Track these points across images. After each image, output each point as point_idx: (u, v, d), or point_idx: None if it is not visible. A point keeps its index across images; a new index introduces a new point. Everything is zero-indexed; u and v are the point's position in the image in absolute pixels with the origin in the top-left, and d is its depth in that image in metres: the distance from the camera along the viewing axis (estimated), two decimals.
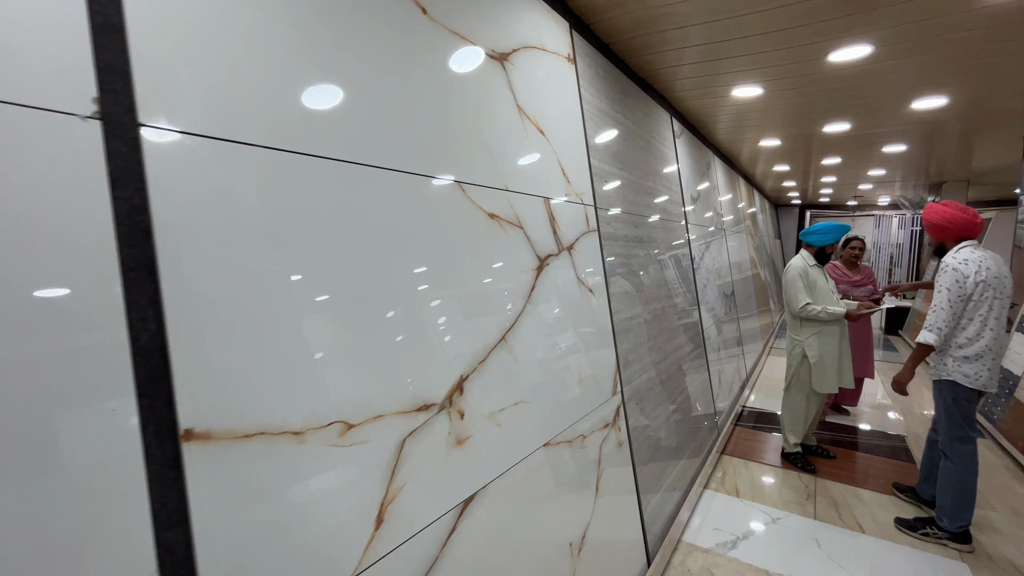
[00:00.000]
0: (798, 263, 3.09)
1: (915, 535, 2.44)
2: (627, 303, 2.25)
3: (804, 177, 7.42)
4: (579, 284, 1.80)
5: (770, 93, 3.15)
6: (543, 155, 1.68)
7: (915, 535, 2.44)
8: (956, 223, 2.38)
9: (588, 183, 2.00)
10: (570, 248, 1.77)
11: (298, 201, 0.86)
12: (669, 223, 3.05)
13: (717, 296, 4.15)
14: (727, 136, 4.53)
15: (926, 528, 2.44)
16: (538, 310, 1.52)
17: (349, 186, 0.96)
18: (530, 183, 1.58)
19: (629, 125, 2.60)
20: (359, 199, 0.98)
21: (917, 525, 2.47)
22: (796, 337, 3.14)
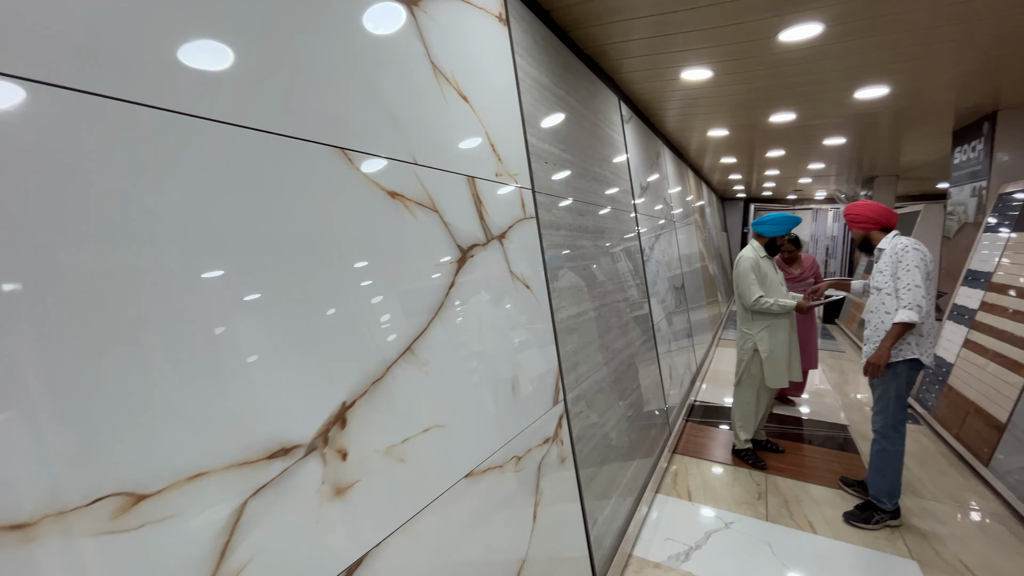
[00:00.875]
0: (749, 254, 2.99)
1: (870, 527, 2.41)
2: (572, 299, 2.02)
3: (749, 170, 7.54)
4: (512, 279, 1.55)
5: (720, 76, 3.02)
6: (467, 126, 1.41)
7: (870, 527, 2.41)
8: (883, 214, 2.47)
9: (524, 163, 1.75)
10: (501, 237, 1.51)
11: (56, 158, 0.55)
12: (618, 213, 2.86)
13: (667, 289, 4.04)
14: (677, 124, 4.42)
15: (875, 515, 2.44)
16: (459, 312, 1.25)
17: (144, 141, 0.65)
18: (449, 158, 1.31)
19: (573, 104, 2.37)
20: (177, 161, 0.68)
21: (869, 516, 2.44)
22: (747, 331, 3.04)
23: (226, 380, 0.71)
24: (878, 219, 2.47)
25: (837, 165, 6.97)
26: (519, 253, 1.61)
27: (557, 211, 2.00)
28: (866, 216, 2.50)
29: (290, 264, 0.83)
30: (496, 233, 1.49)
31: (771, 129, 4.49)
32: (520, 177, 1.70)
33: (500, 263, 1.49)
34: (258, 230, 0.79)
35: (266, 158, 0.82)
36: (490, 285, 1.42)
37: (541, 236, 1.80)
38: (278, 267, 0.81)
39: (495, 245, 1.47)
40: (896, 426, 2.38)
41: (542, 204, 1.85)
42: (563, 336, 1.86)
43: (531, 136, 1.84)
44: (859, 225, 2.53)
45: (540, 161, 1.89)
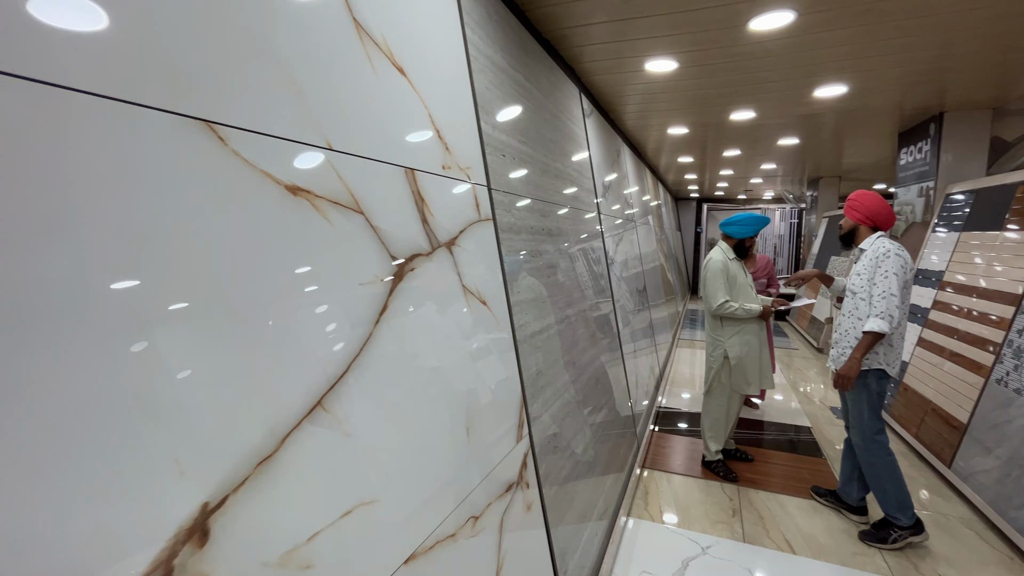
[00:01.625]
0: (718, 257, 2.85)
1: (887, 546, 2.28)
2: (536, 312, 1.77)
3: (704, 169, 7.58)
4: (465, 294, 1.27)
5: (685, 68, 2.86)
6: (404, 105, 1.12)
7: (887, 546, 2.28)
8: (882, 212, 2.32)
9: (479, 156, 1.48)
10: (451, 244, 1.23)
11: None
12: (582, 214, 2.64)
13: (631, 291, 3.87)
14: (637, 122, 4.28)
15: (891, 533, 2.29)
16: (394, 344, 0.96)
17: None
18: (379, 144, 1.02)
19: (534, 92, 2.12)
20: None
21: (884, 536, 2.30)
22: (718, 337, 2.90)
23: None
24: (875, 215, 2.31)
25: (786, 166, 7.12)
26: (473, 263, 1.33)
27: (517, 212, 1.73)
28: (866, 207, 2.32)
29: (98, 297, 0.52)
30: (444, 239, 1.20)
31: (730, 127, 4.43)
32: (474, 172, 1.42)
33: (449, 275, 1.21)
34: (79, 237, 0.47)
35: (113, 136, 0.50)
36: (436, 304, 1.13)
37: (499, 241, 1.53)
38: (77, 302, 0.50)
39: (442, 254, 1.19)
40: (874, 436, 2.28)
41: (500, 204, 1.59)
42: (527, 357, 1.60)
43: (486, 124, 1.57)
44: (855, 214, 2.35)
45: (497, 154, 1.62)
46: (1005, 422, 2.52)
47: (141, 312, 0.55)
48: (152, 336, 0.56)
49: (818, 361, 5.83)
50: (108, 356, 0.52)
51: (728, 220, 2.90)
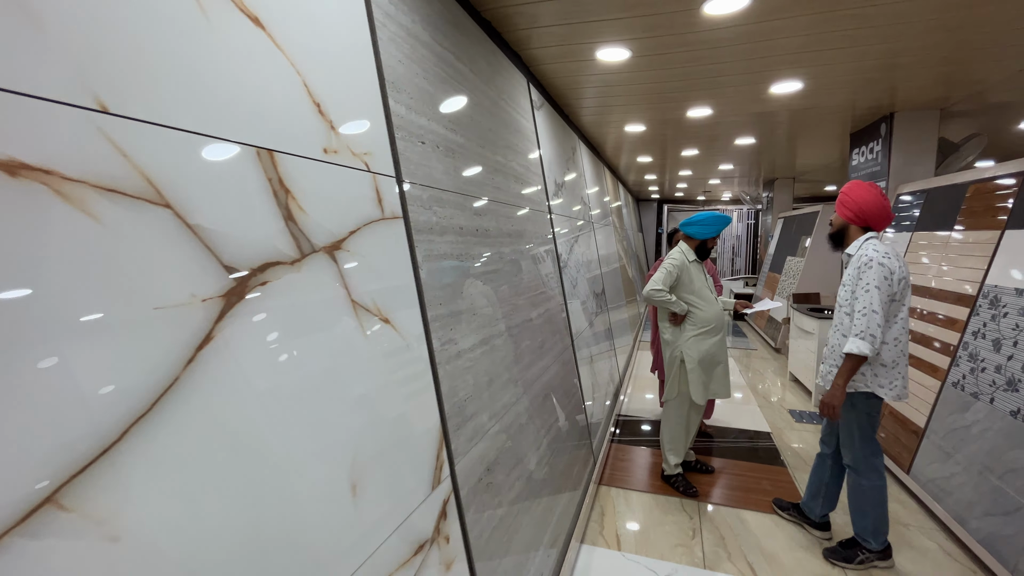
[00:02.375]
0: (676, 256, 2.69)
1: (853, 567, 2.13)
2: (467, 326, 1.52)
3: (664, 170, 7.54)
4: (355, 311, 1.01)
5: (638, 59, 2.68)
6: (258, 65, 0.85)
7: (853, 567, 2.13)
8: (875, 207, 2.03)
9: (384, 140, 1.22)
10: (334, 248, 0.97)
11: None
12: (531, 214, 2.41)
13: (587, 295, 3.69)
14: (593, 118, 4.10)
15: (859, 554, 2.14)
16: (219, 387, 0.69)
17: None
18: (208, 114, 0.74)
19: (468, 75, 1.87)
20: None
21: (850, 555, 2.15)
22: (673, 340, 2.73)
23: None
24: (866, 212, 2.01)
25: (743, 167, 7.16)
26: (370, 271, 1.07)
27: (442, 210, 1.48)
28: (856, 203, 2.03)
29: None
30: (323, 242, 0.94)
31: (688, 125, 4.32)
32: (376, 160, 1.16)
33: (329, 288, 0.94)
34: None
35: None
36: (306, 327, 0.87)
37: (413, 244, 1.28)
38: None
39: (319, 262, 0.92)
40: (867, 459, 2.08)
41: (416, 200, 1.33)
42: (451, 381, 1.35)
43: (397, 104, 1.31)
44: (844, 210, 2.07)
45: (413, 141, 1.37)
46: (963, 427, 2.45)
47: None
48: None
49: (775, 361, 5.83)
50: None
51: (689, 220, 2.74)
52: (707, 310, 2.68)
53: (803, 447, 3.42)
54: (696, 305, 2.67)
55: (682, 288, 2.68)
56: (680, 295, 2.68)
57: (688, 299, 2.68)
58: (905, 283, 1.96)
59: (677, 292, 2.68)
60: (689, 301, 2.68)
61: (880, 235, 2.11)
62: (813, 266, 5.97)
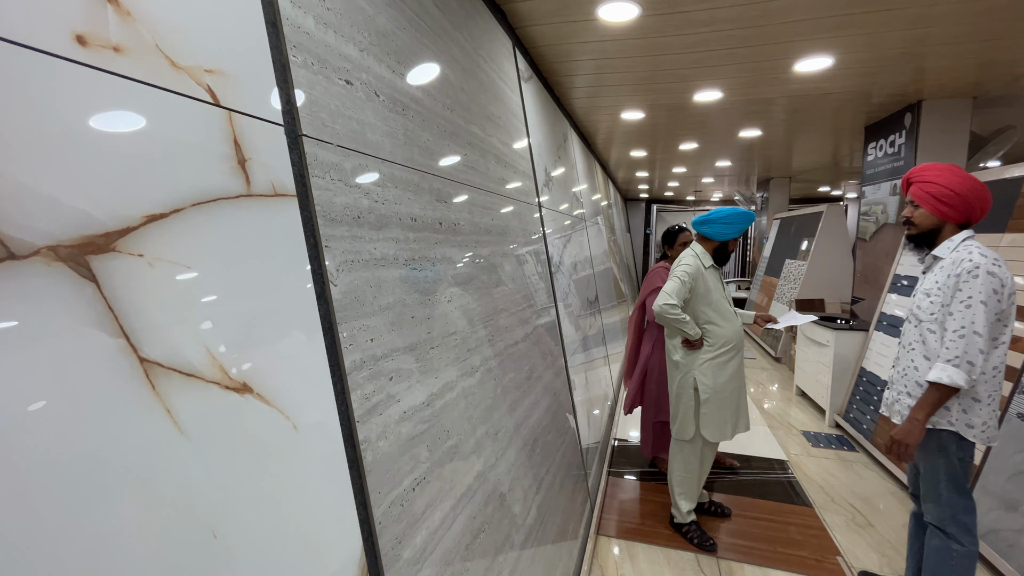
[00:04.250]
0: (690, 261, 2.20)
1: None
2: (416, 372, 1.00)
3: (656, 166, 7.12)
4: (151, 382, 0.48)
5: (647, 17, 2.18)
6: None
7: None
8: (986, 203, 1.59)
9: (261, 58, 0.69)
10: (85, 250, 0.44)
11: None
12: (517, 206, 1.90)
13: (582, 302, 3.19)
14: (587, 101, 3.61)
15: None
16: None
17: None
18: None
19: (428, 6, 1.35)
20: None
21: None
22: (682, 361, 2.25)
23: None
24: (971, 205, 1.57)
25: (740, 164, 6.78)
26: (204, 294, 0.55)
27: (383, 190, 0.96)
28: (957, 194, 1.56)
29: None
30: (48, 239, 0.41)
31: (692, 112, 3.86)
32: (236, 86, 0.63)
33: (70, 339, 0.41)
34: None
35: None
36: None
37: (320, 242, 0.75)
38: None
39: (32, 280, 0.39)
40: (957, 517, 1.61)
41: (329, 169, 0.80)
42: (385, 466, 0.83)
43: (295, 7, 0.78)
44: (938, 204, 1.58)
45: (328, 74, 0.84)
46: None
47: None
48: None
49: (778, 372, 5.43)
50: None
51: (704, 217, 2.25)
52: (726, 327, 2.21)
53: (827, 480, 2.98)
54: (713, 321, 2.20)
55: (698, 300, 2.20)
56: (696, 308, 2.20)
57: (704, 314, 2.20)
58: (1013, 298, 1.50)
59: (692, 305, 2.20)
60: (705, 317, 2.20)
61: (973, 233, 1.63)
62: (817, 270, 5.59)
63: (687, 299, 2.17)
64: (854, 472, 3.09)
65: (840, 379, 3.79)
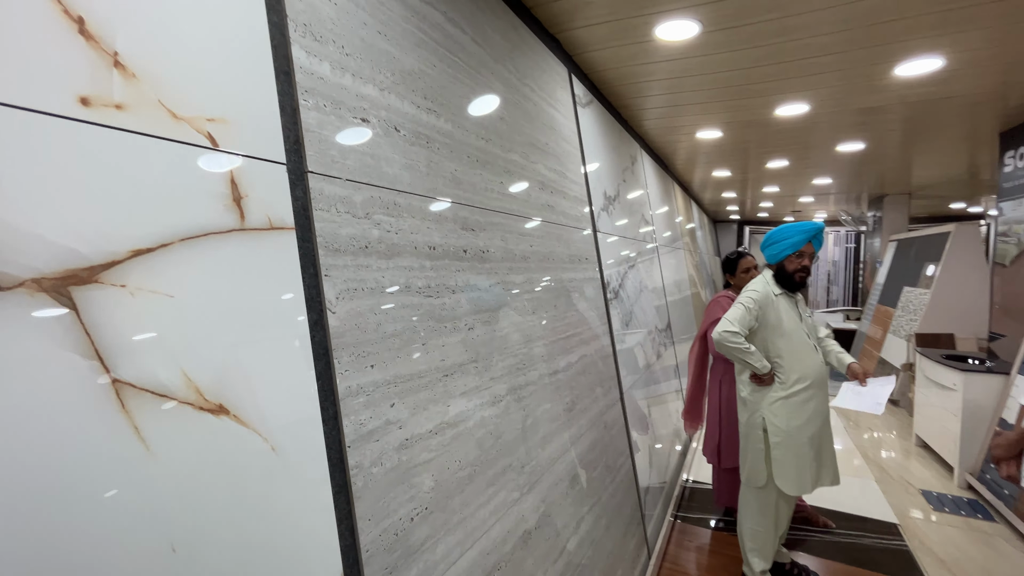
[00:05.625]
0: (758, 288, 2.01)
1: None
2: (423, 397, 1.01)
3: (744, 186, 6.67)
4: (121, 401, 0.53)
5: (709, 33, 2.08)
6: None
7: None
8: None
9: (268, 103, 0.76)
10: (70, 282, 0.50)
11: None
12: (562, 230, 1.87)
13: (648, 331, 3.04)
14: (659, 122, 3.50)
15: None
16: None
17: None
18: None
19: (465, 43, 1.40)
20: None
21: None
22: (750, 398, 2.04)
23: None
24: None
25: (844, 180, 6.11)
26: (186, 322, 0.59)
27: (395, 220, 0.99)
28: None
29: None
30: (42, 270, 0.47)
31: (776, 129, 3.58)
32: (237, 131, 0.70)
33: (49, 364, 0.47)
34: None
35: None
36: None
37: (319, 271, 0.79)
38: None
39: (16, 310, 0.46)
40: None
41: (335, 202, 0.85)
42: (378, 494, 0.83)
43: (309, 55, 0.85)
44: None
45: (341, 113, 0.90)
46: None
47: None
48: None
49: (894, 417, 4.70)
50: None
51: (765, 239, 2.09)
52: (803, 362, 1.96)
53: (951, 553, 2.48)
54: (785, 354, 1.96)
55: (768, 330, 1.98)
56: (766, 339, 1.99)
57: (775, 346, 1.98)
58: None
59: (759, 335, 2.00)
60: (776, 349, 1.97)
61: None
62: (944, 300, 4.81)
63: (753, 328, 1.98)
64: (990, 547, 2.55)
65: (973, 430, 3.18)
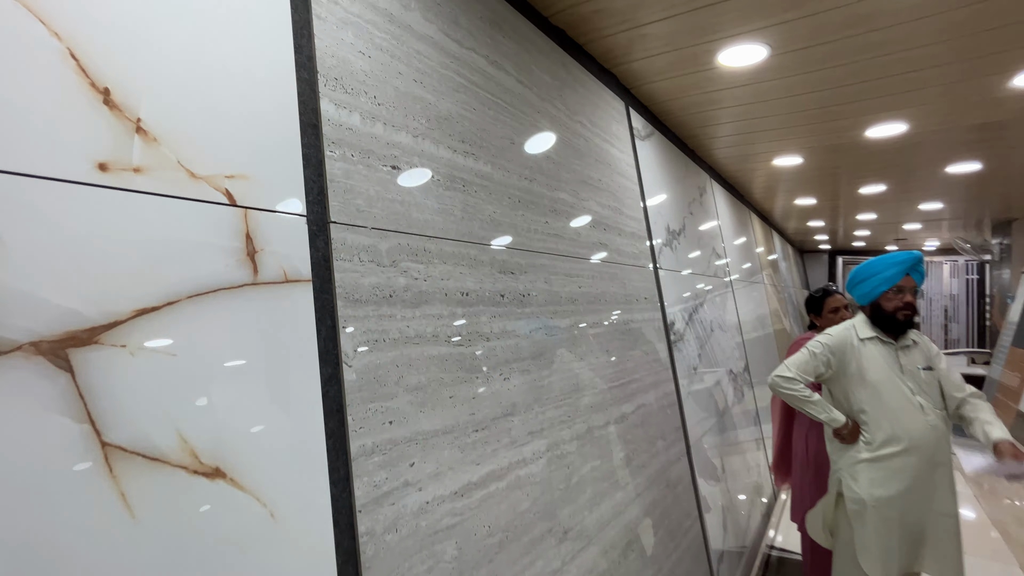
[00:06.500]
0: (836, 332, 1.79)
1: None
2: (445, 456, 0.94)
3: (835, 213, 6.10)
4: (108, 467, 0.52)
5: (779, 56, 1.93)
6: None
7: None
8: None
9: (291, 158, 0.77)
10: (69, 344, 0.50)
11: None
12: (616, 268, 1.77)
13: (721, 375, 2.78)
14: (730, 151, 3.31)
15: None
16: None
17: None
18: None
19: (509, 84, 1.39)
20: None
21: None
22: (832, 452, 1.81)
23: None
24: None
25: (958, 205, 5.39)
26: (187, 382, 0.58)
27: (425, 267, 0.96)
28: None
29: None
30: (38, 333, 0.48)
31: (867, 150, 3.23)
32: (258, 187, 0.70)
33: (40, 429, 0.47)
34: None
35: None
36: None
37: (337, 323, 0.77)
38: None
39: (8, 375, 0.46)
40: None
41: (359, 251, 0.84)
42: (389, 564, 0.77)
43: (339, 108, 0.86)
44: None
45: (370, 163, 0.90)
46: None
47: None
48: None
49: None
50: None
51: (850, 278, 1.85)
52: (897, 420, 1.66)
53: None
54: (870, 408, 1.68)
55: (849, 381, 1.74)
56: (847, 391, 1.73)
57: (857, 399, 1.71)
58: None
59: (839, 384, 1.76)
60: (859, 403, 1.71)
61: None
62: None
63: (824, 376, 1.74)
64: None
65: None
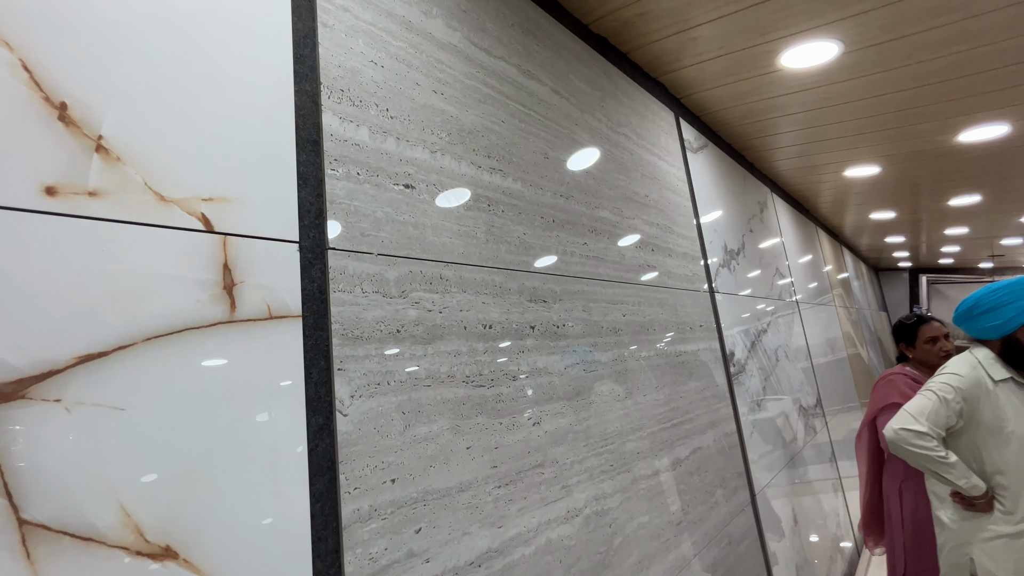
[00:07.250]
0: (964, 371, 1.45)
1: None
2: (463, 518, 0.81)
3: (916, 229, 5.52)
4: (25, 551, 0.42)
5: (854, 52, 1.71)
6: None
7: None
8: None
9: (285, 176, 0.68)
10: (8, 399, 0.42)
11: None
12: (666, 293, 1.59)
13: (786, 414, 2.48)
14: (793, 161, 3.03)
15: None
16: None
17: None
18: None
19: (543, 95, 1.27)
20: None
21: None
22: (951, 523, 1.45)
23: None
24: None
25: None
26: (142, 440, 0.49)
27: (441, 297, 0.85)
28: None
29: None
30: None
31: (957, 156, 2.86)
32: (240, 210, 0.62)
33: None
34: None
35: None
36: None
37: (334, 367, 0.67)
38: None
39: None
40: None
41: (361, 280, 0.74)
42: None
43: (343, 122, 0.77)
44: None
45: (379, 181, 0.80)
46: None
47: None
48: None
49: None
50: None
51: (961, 311, 1.51)
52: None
53: None
54: (1010, 471, 1.37)
55: (981, 433, 1.41)
56: (979, 446, 1.42)
57: (992, 459, 1.39)
58: None
59: (965, 437, 1.43)
60: (992, 461, 1.39)
61: None
62: None
63: (954, 428, 1.43)
64: None
65: None
